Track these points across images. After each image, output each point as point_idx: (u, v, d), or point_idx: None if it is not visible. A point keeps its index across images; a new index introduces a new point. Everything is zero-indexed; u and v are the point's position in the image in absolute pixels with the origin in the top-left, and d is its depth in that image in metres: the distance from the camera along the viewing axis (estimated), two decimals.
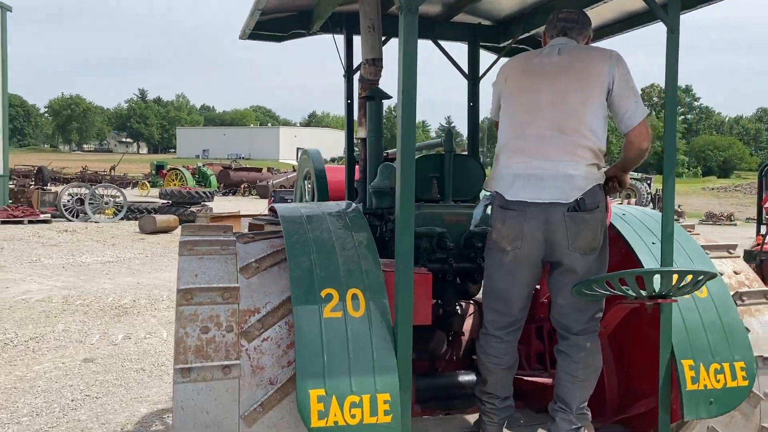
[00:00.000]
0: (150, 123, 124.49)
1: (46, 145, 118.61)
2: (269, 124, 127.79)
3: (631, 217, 3.17)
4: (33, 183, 25.66)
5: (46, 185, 25.51)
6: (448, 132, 3.80)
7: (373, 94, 3.71)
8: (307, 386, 2.26)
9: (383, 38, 4.43)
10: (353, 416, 2.25)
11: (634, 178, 33.23)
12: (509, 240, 2.78)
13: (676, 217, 22.63)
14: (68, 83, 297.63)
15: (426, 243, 3.34)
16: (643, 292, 2.46)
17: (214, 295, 2.53)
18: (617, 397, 3.24)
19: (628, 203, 26.59)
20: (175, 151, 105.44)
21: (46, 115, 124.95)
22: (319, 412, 2.24)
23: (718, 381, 2.58)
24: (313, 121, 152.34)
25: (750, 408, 2.76)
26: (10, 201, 20.44)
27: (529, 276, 2.83)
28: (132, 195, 29.03)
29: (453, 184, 3.69)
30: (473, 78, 4.39)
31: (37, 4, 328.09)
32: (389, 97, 3.81)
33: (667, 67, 2.61)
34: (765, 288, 3.06)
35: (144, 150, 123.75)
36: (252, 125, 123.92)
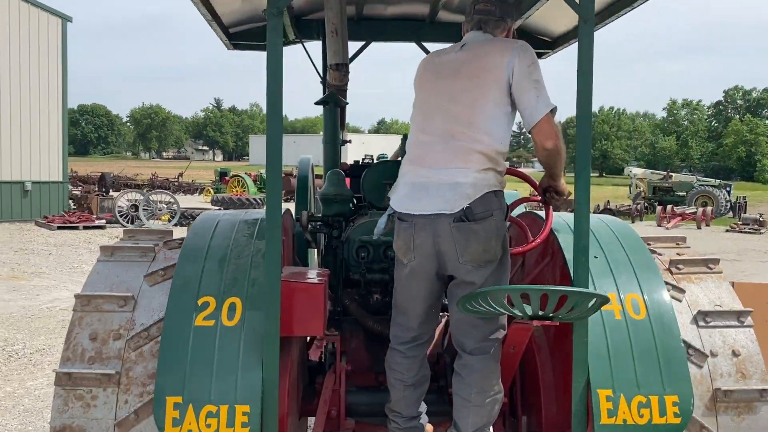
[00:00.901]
0: (225, 131, 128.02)
1: (128, 153, 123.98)
2: None
3: None
4: (96, 189, 26.40)
5: (109, 192, 26.18)
6: (405, 137, 3.66)
7: (327, 99, 3.62)
8: (164, 393, 2.27)
9: (364, 43, 4.46)
10: (209, 426, 2.26)
11: (711, 185, 31.32)
12: (403, 252, 2.67)
13: (756, 227, 21.03)
14: (148, 93, 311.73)
15: (368, 252, 3.23)
16: (517, 312, 2.27)
17: (151, 235, 3.01)
18: (555, 423, 2.92)
19: (704, 212, 24.94)
20: (248, 159, 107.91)
21: (128, 124, 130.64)
22: (173, 419, 2.24)
23: (641, 416, 2.31)
24: (381, 128, 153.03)
25: (697, 369, 2.47)
26: (74, 207, 21.04)
27: (424, 290, 2.68)
28: (197, 201, 29.57)
29: None
30: None
31: (122, 19, 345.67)
32: (346, 103, 3.80)
33: (579, 59, 2.34)
34: (707, 257, 2.83)
35: (219, 157, 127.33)
36: (321, 133, 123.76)
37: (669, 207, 26.30)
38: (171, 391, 2.27)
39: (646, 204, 29.91)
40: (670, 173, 34.74)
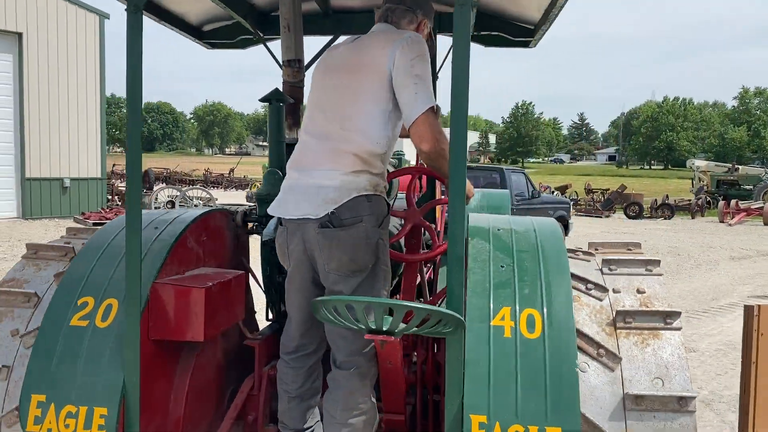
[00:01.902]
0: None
1: (192, 149, 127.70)
2: None
3: (502, 233, 2.60)
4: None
5: (152, 188, 26.50)
6: None
7: (270, 97, 3.53)
8: (30, 391, 2.32)
9: (332, 37, 4.32)
10: (67, 426, 2.29)
11: None
12: (282, 258, 2.59)
13: None
14: (212, 91, 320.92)
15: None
16: (360, 324, 2.10)
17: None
18: None
19: None
20: None
21: (191, 120, 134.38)
22: (35, 417, 2.29)
23: None
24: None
25: (597, 301, 2.37)
26: (118, 203, 21.27)
27: (301, 298, 2.56)
28: (242, 197, 29.79)
29: None
30: (432, 73, 3.94)
31: None
32: (291, 101, 3.70)
33: (454, 49, 2.08)
34: (628, 242, 2.74)
35: None
36: None
37: (733, 202, 24.73)
38: (36, 389, 2.32)
39: (709, 198, 28.27)
40: (737, 165, 32.77)
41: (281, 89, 4.04)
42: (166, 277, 2.57)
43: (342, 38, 3.53)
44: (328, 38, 4.21)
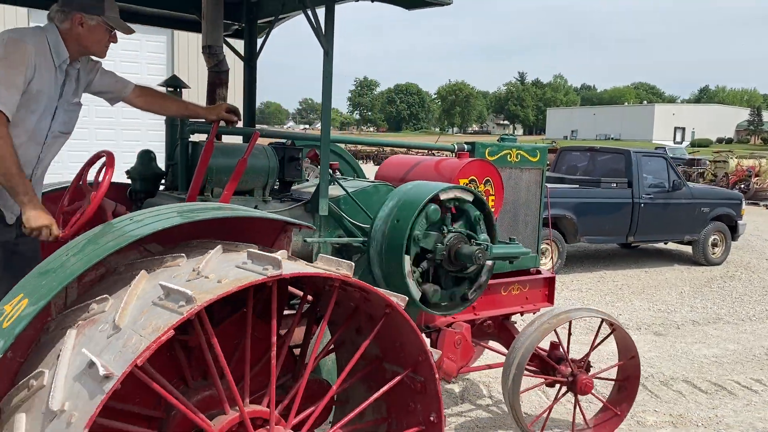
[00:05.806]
0: (526, 105, 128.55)
1: (436, 129, 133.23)
2: (644, 102, 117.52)
3: (127, 221, 2.26)
4: None
5: None
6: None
7: (168, 83, 3.51)
8: None
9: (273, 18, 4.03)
10: None
11: None
12: None
13: None
14: (457, 70, 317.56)
15: None
16: None
17: None
18: None
19: None
20: (545, 132, 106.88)
21: (436, 100, 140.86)
22: None
23: None
24: (704, 96, 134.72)
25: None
26: None
27: None
28: None
29: (191, 174, 3.27)
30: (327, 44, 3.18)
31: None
32: (185, 86, 3.56)
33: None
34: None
35: (519, 131, 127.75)
36: (626, 104, 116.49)
37: None
38: None
39: None
40: None
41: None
42: None
43: None
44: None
